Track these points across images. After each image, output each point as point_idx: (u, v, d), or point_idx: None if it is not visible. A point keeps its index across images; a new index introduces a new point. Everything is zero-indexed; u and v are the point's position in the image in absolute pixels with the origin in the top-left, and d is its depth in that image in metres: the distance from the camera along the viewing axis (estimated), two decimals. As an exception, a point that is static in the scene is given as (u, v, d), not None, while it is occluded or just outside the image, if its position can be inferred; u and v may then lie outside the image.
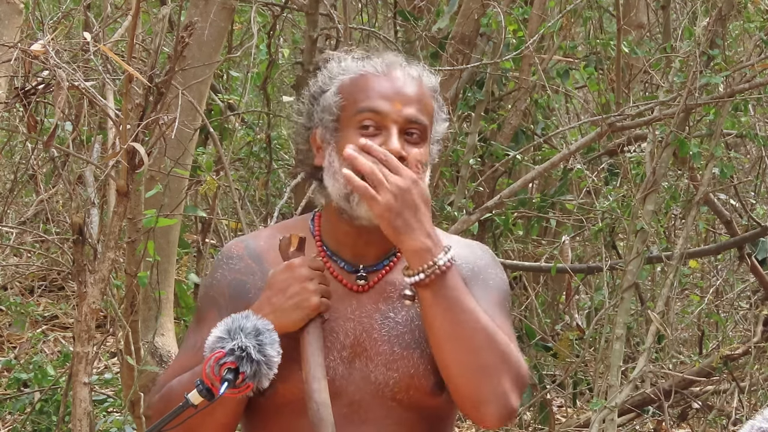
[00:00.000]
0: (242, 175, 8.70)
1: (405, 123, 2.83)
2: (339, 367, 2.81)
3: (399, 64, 2.90)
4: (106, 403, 6.91)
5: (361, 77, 2.87)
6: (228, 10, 5.56)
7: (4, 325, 8.41)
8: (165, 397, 2.84)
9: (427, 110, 2.87)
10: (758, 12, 6.56)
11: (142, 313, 5.06)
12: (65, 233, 7.54)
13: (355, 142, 2.80)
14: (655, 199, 6.39)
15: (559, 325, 8.07)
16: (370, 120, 2.82)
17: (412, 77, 2.88)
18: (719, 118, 6.39)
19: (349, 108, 2.84)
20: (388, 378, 2.81)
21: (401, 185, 2.72)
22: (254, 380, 2.62)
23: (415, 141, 2.84)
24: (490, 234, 7.70)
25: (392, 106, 2.83)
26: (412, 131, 2.84)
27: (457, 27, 6.73)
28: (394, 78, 2.86)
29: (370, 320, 2.84)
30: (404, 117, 2.83)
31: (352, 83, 2.87)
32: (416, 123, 2.84)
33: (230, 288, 2.89)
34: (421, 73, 2.91)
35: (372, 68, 2.88)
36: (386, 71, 2.87)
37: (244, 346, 2.62)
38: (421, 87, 2.89)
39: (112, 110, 4.55)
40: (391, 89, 2.85)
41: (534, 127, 7.85)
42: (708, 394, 7.35)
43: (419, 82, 2.89)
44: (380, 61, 2.89)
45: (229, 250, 2.94)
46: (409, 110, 2.83)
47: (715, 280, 8.01)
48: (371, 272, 2.87)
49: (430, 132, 2.89)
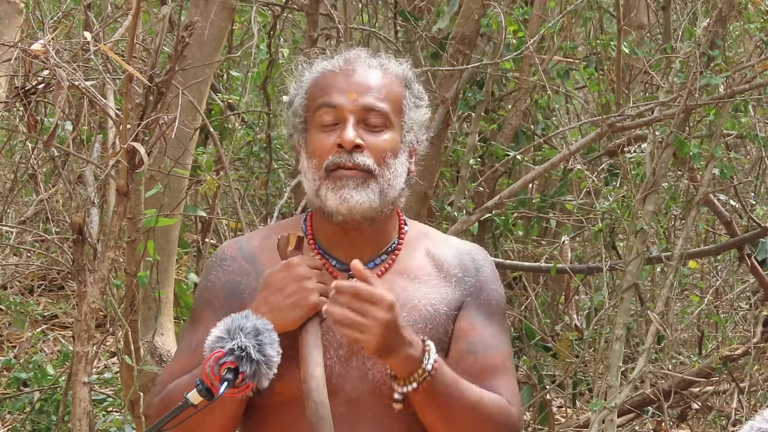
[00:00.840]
0: (242, 175, 8.70)
1: (361, 112, 2.84)
2: (336, 366, 2.82)
3: (361, 58, 2.91)
4: (105, 403, 6.91)
5: (321, 75, 2.90)
6: (228, 9, 5.56)
7: (4, 324, 8.41)
8: (164, 399, 2.84)
9: (390, 97, 2.88)
10: (758, 13, 6.55)
11: (142, 312, 5.05)
12: (65, 233, 7.53)
13: (316, 138, 2.84)
14: (655, 199, 6.39)
15: (558, 325, 8.07)
16: (328, 114, 2.85)
17: (372, 67, 2.90)
18: (719, 119, 6.39)
19: (310, 107, 2.88)
20: (385, 375, 2.81)
21: (379, 317, 2.69)
22: (254, 380, 2.63)
23: (377, 129, 2.85)
24: (490, 234, 7.70)
25: (347, 98, 2.84)
26: (371, 120, 2.85)
27: (458, 27, 6.72)
28: (351, 71, 2.89)
29: None
30: (360, 106, 2.84)
31: (314, 83, 2.90)
32: (374, 110, 2.85)
33: (224, 289, 2.90)
34: (384, 63, 2.92)
35: (331, 66, 2.90)
36: (344, 66, 2.89)
37: (244, 346, 2.62)
38: (385, 75, 2.90)
39: (112, 110, 4.55)
40: (346, 82, 2.87)
41: (534, 127, 7.85)
42: (707, 395, 7.35)
43: (382, 71, 2.90)
44: (342, 59, 2.91)
45: (222, 252, 2.95)
46: (364, 99, 2.85)
47: (714, 281, 8.01)
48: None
49: (400, 118, 2.89)
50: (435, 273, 2.92)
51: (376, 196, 2.83)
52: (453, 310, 2.90)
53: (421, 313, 2.86)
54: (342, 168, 2.81)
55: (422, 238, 2.98)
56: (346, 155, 2.82)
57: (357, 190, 2.81)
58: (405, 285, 2.88)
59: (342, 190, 2.81)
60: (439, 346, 2.84)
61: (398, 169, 2.86)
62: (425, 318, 2.86)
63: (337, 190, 2.81)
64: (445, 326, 2.88)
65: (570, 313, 7.83)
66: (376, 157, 2.83)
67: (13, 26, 4.92)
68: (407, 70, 2.95)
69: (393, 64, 2.94)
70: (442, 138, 6.71)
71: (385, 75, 2.90)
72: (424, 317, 2.86)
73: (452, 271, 2.93)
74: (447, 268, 2.93)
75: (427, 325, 2.86)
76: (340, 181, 2.81)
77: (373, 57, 2.93)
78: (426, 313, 2.87)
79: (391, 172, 2.85)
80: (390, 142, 2.85)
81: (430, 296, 2.89)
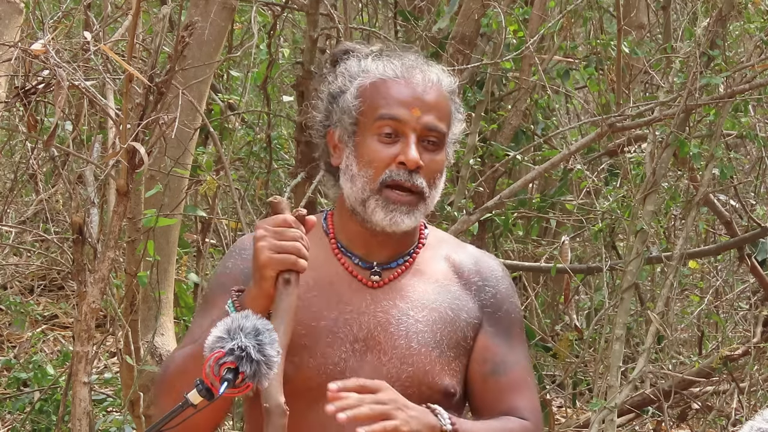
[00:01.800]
0: (242, 175, 8.70)
1: (423, 131, 2.85)
2: (350, 359, 2.83)
3: (419, 68, 2.90)
4: (105, 403, 6.91)
5: (381, 82, 2.88)
6: (228, 9, 5.56)
7: (4, 324, 8.41)
8: (164, 367, 2.88)
9: (445, 116, 2.89)
10: (758, 12, 6.55)
11: (142, 312, 5.05)
12: (65, 233, 7.54)
13: (373, 147, 2.83)
14: (655, 199, 6.39)
15: (559, 325, 8.07)
16: (389, 127, 2.84)
17: (432, 82, 2.89)
18: (719, 119, 6.39)
19: (368, 113, 2.86)
20: (401, 372, 2.82)
21: (387, 400, 2.70)
22: (254, 380, 2.62)
23: (432, 148, 2.87)
24: (490, 234, 7.70)
25: (411, 114, 2.84)
26: (430, 139, 2.85)
27: (458, 27, 6.72)
28: (413, 83, 2.87)
29: (386, 315, 2.85)
30: (422, 125, 2.85)
31: (372, 87, 2.88)
32: (434, 131, 2.86)
33: (242, 274, 2.90)
34: (440, 76, 2.92)
35: (392, 72, 2.88)
36: (406, 75, 2.88)
37: (244, 346, 2.62)
38: (440, 91, 2.90)
39: (112, 110, 4.55)
40: (410, 95, 2.86)
41: (534, 127, 7.85)
42: (708, 395, 7.35)
43: (438, 86, 2.90)
44: (400, 65, 2.89)
45: (242, 242, 2.97)
46: (427, 118, 2.85)
47: (714, 281, 8.01)
48: (385, 270, 2.90)
49: (448, 137, 2.90)
50: (455, 279, 2.94)
51: (421, 216, 2.88)
52: (473, 319, 2.91)
53: (441, 315, 2.88)
54: (400, 187, 2.83)
55: (441, 242, 3.00)
56: (406, 174, 2.83)
57: (408, 214, 2.84)
58: (424, 287, 2.90)
59: (393, 213, 2.83)
60: (457, 350, 2.87)
61: (441, 187, 2.92)
62: (445, 320, 2.87)
63: (388, 211, 2.83)
64: (465, 332, 2.89)
65: (570, 313, 7.83)
66: (429, 179, 2.86)
67: (13, 26, 4.92)
68: (454, 83, 2.95)
69: (445, 75, 2.93)
70: (442, 138, 6.70)
71: (440, 90, 2.90)
72: (444, 319, 2.87)
73: (472, 278, 2.95)
74: (467, 276, 2.95)
75: (446, 327, 2.87)
76: (393, 204, 2.83)
77: (428, 65, 2.92)
78: (446, 316, 2.88)
79: (436, 191, 2.90)
80: (441, 162, 2.89)
81: (451, 300, 2.90)
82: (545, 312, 7.97)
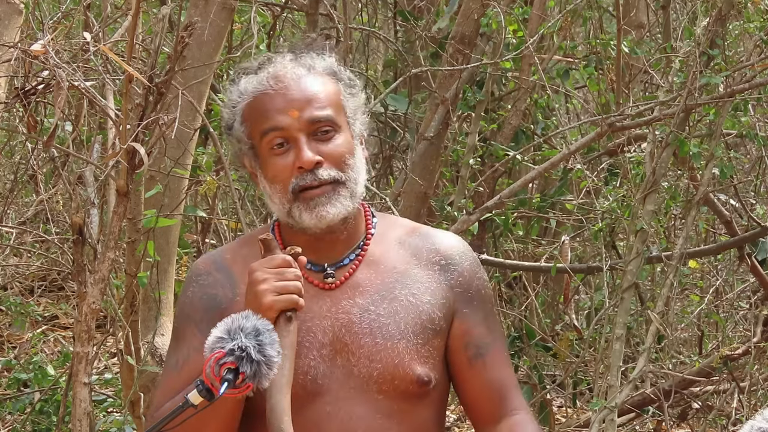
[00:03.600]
0: (242, 176, 8.70)
1: (309, 126, 2.85)
2: (320, 366, 2.83)
3: (286, 68, 2.89)
4: (106, 403, 6.91)
5: (255, 99, 2.88)
6: (228, 10, 5.56)
7: (4, 325, 8.41)
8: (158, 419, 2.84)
9: (328, 100, 2.88)
10: (758, 12, 6.55)
11: (142, 313, 5.05)
12: (65, 233, 7.53)
13: (272, 163, 2.84)
14: (655, 199, 6.39)
15: (559, 325, 8.07)
16: (277, 138, 2.85)
17: (301, 75, 2.88)
18: (719, 118, 6.39)
19: (254, 134, 2.88)
20: (371, 370, 2.82)
21: None
22: (254, 380, 2.63)
23: (328, 137, 2.86)
24: (490, 234, 7.70)
25: (290, 117, 2.84)
26: (321, 130, 2.85)
27: (457, 27, 6.72)
28: (283, 88, 2.87)
29: (348, 315, 2.85)
30: (305, 121, 2.84)
31: (249, 108, 2.89)
32: (320, 121, 2.85)
33: (202, 302, 2.92)
34: (310, 64, 2.90)
35: (262, 85, 2.88)
36: (274, 84, 2.87)
37: (244, 347, 2.62)
38: (315, 79, 2.89)
39: (112, 110, 4.55)
40: (283, 101, 2.85)
41: (534, 127, 7.85)
42: (708, 395, 7.35)
43: (311, 75, 2.89)
44: (266, 75, 2.88)
45: (196, 268, 2.98)
46: (307, 113, 2.85)
47: (715, 280, 8.00)
48: (338, 268, 2.90)
49: (344, 115, 2.89)
50: (414, 262, 2.93)
51: (348, 200, 2.86)
52: (439, 299, 2.90)
53: (403, 304, 2.87)
54: (309, 188, 2.83)
55: (392, 228, 2.99)
56: (310, 175, 2.83)
57: (330, 203, 2.84)
58: (381, 278, 2.90)
59: (316, 208, 2.84)
60: (425, 335, 2.86)
61: (358, 164, 2.89)
62: (407, 308, 2.87)
63: (310, 210, 2.84)
64: (430, 314, 2.89)
65: (570, 312, 7.83)
66: (338, 165, 2.85)
67: (12, 27, 4.92)
68: (332, 62, 2.93)
69: (318, 60, 2.92)
70: (441, 138, 6.71)
71: (315, 78, 2.89)
72: (405, 307, 2.87)
73: (433, 258, 2.94)
74: (427, 256, 2.94)
75: (409, 315, 2.87)
76: (311, 201, 2.84)
77: (297, 60, 2.91)
78: (408, 304, 2.87)
79: (354, 171, 2.88)
80: (344, 144, 2.87)
81: (411, 285, 2.90)
82: (545, 312, 7.97)
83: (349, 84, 2.94)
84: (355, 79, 2.96)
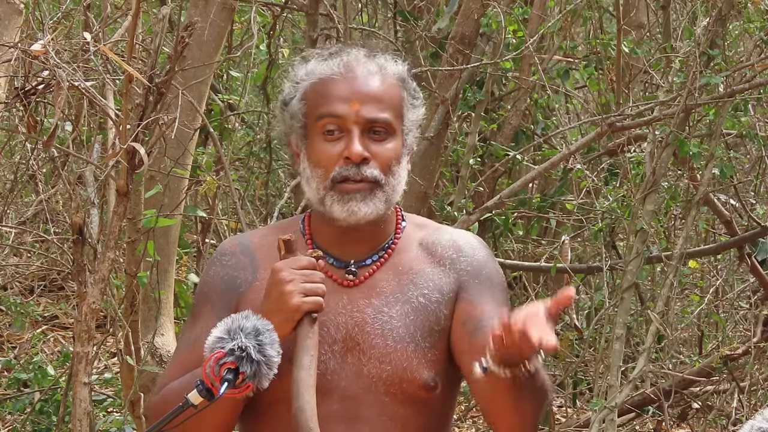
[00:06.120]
0: (242, 175, 8.71)
1: (366, 123, 2.85)
2: (330, 362, 2.83)
3: (359, 61, 2.90)
4: (105, 403, 6.91)
5: (321, 81, 2.89)
6: (228, 10, 5.56)
7: (4, 325, 8.41)
8: (165, 398, 2.85)
9: (391, 104, 2.88)
10: (758, 12, 6.55)
11: (142, 313, 5.06)
12: (65, 233, 7.53)
13: (319, 147, 2.85)
14: (655, 199, 6.39)
15: (559, 325, 8.06)
16: (331, 124, 2.85)
17: (372, 72, 2.89)
18: (719, 118, 6.39)
19: (311, 114, 2.88)
20: (381, 371, 2.82)
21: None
22: (254, 380, 2.63)
23: (380, 138, 2.86)
24: (490, 234, 7.70)
25: (350, 108, 2.85)
26: (375, 129, 2.86)
27: (457, 27, 6.72)
28: (352, 78, 2.88)
29: (362, 315, 2.85)
30: (363, 117, 2.85)
31: (312, 89, 2.89)
32: (377, 121, 2.86)
33: (222, 283, 2.92)
34: (383, 64, 2.91)
35: (331, 70, 2.89)
36: (344, 71, 2.88)
37: (244, 347, 2.62)
38: (384, 80, 2.90)
39: (112, 110, 4.56)
40: (348, 90, 2.86)
41: (534, 127, 7.85)
42: (708, 394, 7.35)
43: (381, 75, 2.90)
44: (339, 61, 2.90)
45: (223, 248, 2.99)
46: (367, 109, 2.85)
47: (715, 280, 8.01)
48: (361, 267, 2.90)
49: (401, 122, 2.90)
50: (428, 260, 2.93)
51: (382, 204, 2.86)
52: (448, 294, 2.90)
53: (413, 306, 2.87)
54: (350, 180, 2.84)
55: (418, 230, 2.99)
56: (354, 168, 2.83)
57: (364, 202, 2.84)
58: (397, 280, 2.89)
59: (349, 203, 2.83)
60: (432, 338, 2.85)
61: (401, 174, 2.89)
62: (417, 310, 2.87)
63: (344, 202, 2.84)
64: (437, 313, 2.88)
65: (570, 312, 7.83)
66: (383, 167, 2.85)
67: (12, 27, 4.92)
68: (404, 70, 2.95)
69: (391, 63, 2.93)
70: (442, 138, 6.72)
71: (384, 79, 2.90)
72: (416, 309, 2.87)
73: (445, 253, 2.93)
74: (440, 252, 2.94)
75: (419, 317, 2.86)
76: (347, 194, 2.83)
77: (371, 57, 2.92)
78: (418, 305, 2.87)
79: (395, 178, 2.87)
80: (394, 150, 2.87)
81: (422, 285, 2.89)
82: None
83: (413, 95, 2.95)
84: (419, 92, 2.97)
